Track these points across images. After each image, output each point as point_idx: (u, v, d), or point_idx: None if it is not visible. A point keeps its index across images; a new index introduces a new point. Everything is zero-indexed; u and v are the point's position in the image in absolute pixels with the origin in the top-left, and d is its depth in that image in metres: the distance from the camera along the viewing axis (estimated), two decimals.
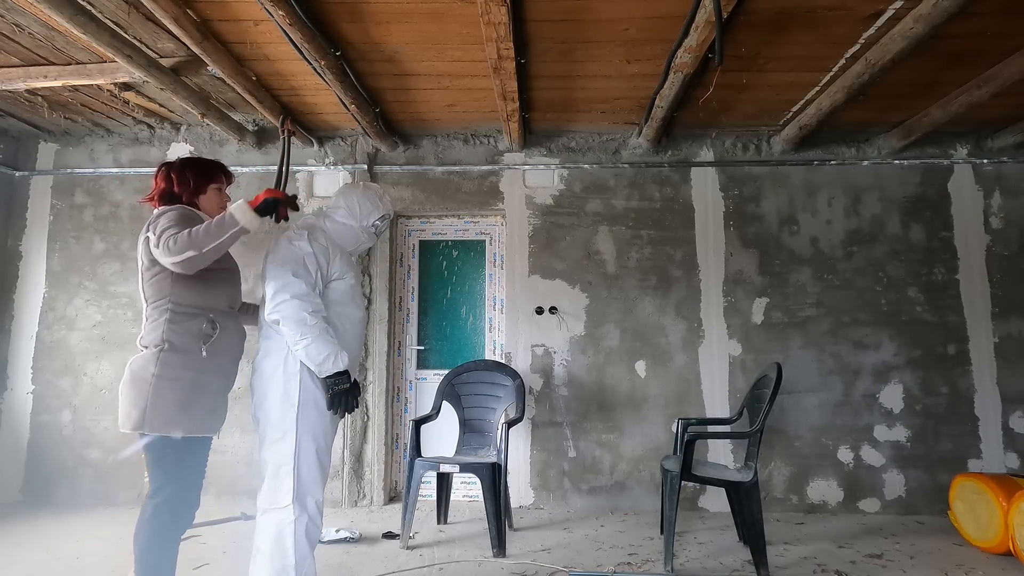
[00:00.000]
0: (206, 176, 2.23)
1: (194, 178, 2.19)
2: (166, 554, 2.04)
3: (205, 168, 2.25)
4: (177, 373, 2.01)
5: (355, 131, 4.14)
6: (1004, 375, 3.90)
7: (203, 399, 2.06)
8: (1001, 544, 2.98)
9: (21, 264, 4.18)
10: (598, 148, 4.19)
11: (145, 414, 1.96)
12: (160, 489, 2.02)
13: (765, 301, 4.02)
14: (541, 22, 2.75)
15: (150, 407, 1.96)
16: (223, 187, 2.28)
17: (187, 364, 2.03)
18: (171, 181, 2.17)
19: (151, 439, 1.99)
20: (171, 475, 2.02)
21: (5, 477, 3.98)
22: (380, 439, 4.00)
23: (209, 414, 2.09)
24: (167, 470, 2.02)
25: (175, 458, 2.02)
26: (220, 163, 2.31)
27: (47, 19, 2.73)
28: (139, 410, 1.96)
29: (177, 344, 2.02)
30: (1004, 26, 2.75)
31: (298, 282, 2.13)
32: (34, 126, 4.10)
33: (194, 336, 2.05)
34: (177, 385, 2.00)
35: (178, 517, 2.06)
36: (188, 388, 2.02)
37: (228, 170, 2.33)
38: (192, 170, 2.20)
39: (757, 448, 2.94)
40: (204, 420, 2.07)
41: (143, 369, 2.00)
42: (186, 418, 2.01)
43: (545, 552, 3.11)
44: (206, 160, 2.29)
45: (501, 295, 4.20)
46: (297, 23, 2.56)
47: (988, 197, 4.06)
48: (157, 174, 2.21)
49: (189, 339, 2.05)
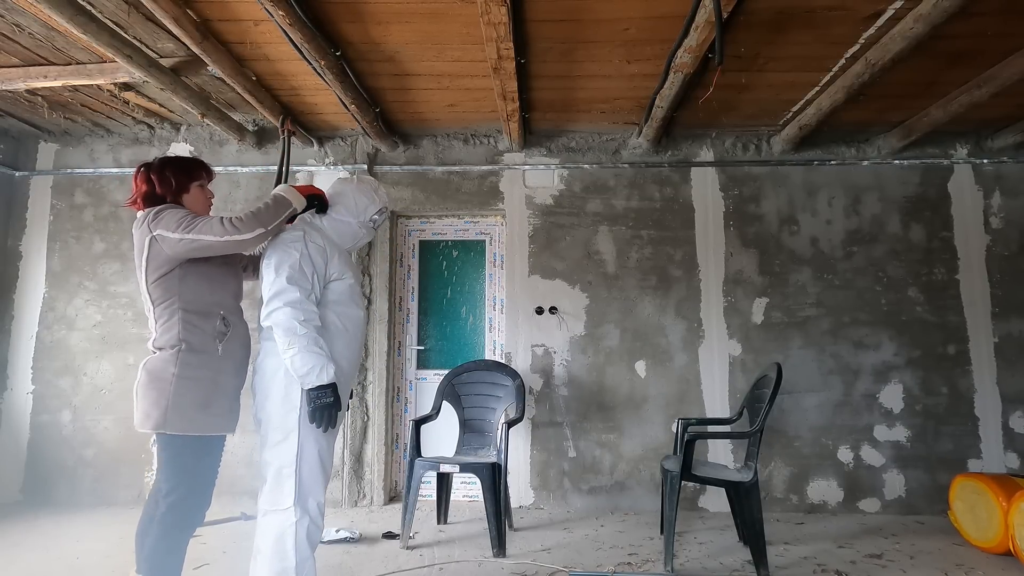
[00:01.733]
0: (187, 174, 2.19)
1: (176, 177, 2.15)
2: (174, 554, 2.04)
3: (185, 166, 2.20)
4: (196, 373, 2.02)
5: (355, 131, 4.14)
6: (1004, 375, 3.90)
7: (221, 398, 2.08)
8: (1001, 544, 2.98)
9: (21, 264, 4.18)
10: (598, 148, 4.19)
11: (167, 413, 1.97)
12: (175, 489, 2.02)
13: (765, 301, 4.02)
14: (541, 22, 2.75)
15: (171, 406, 1.97)
16: (205, 183, 2.26)
17: (206, 364, 2.05)
18: (152, 183, 2.13)
19: (169, 438, 2.00)
20: (187, 475, 2.03)
21: (5, 477, 3.98)
22: (380, 439, 4.00)
23: (227, 413, 2.11)
24: (184, 469, 2.02)
25: (193, 458, 2.03)
26: (199, 160, 2.29)
27: (47, 19, 2.73)
28: (160, 409, 1.97)
29: (195, 344, 2.04)
30: (1004, 26, 2.75)
31: (292, 289, 2.10)
32: (34, 126, 4.10)
33: (210, 335, 2.07)
34: (197, 384, 2.01)
35: (189, 516, 2.06)
36: (207, 388, 2.03)
37: (208, 167, 2.29)
38: (172, 169, 2.16)
39: (757, 448, 2.94)
40: (222, 419, 2.09)
41: (163, 370, 2.00)
42: (205, 417, 2.02)
43: (545, 552, 3.11)
44: (184, 158, 2.27)
45: (501, 295, 4.20)
46: (297, 23, 2.55)
47: (988, 197, 4.06)
48: (136, 176, 2.15)
49: (206, 338, 2.06)
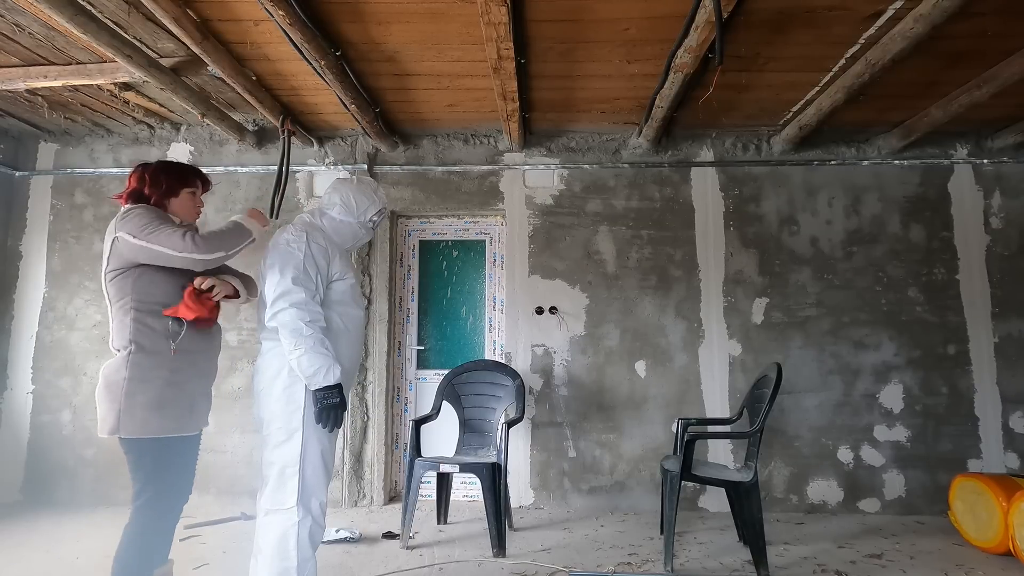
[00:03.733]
0: (180, 180, 2.21)
1: (167, 181, 2.18)
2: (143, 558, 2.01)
3: (181, 173, 2.23)
4: (148, 375, 1.99)
5: (355, 131, 4.14)
6: (1004, 375, 3.90)
7: (179, 399, 2.04)
8: (1001, 544, 2.98)
9: (21, 264, 4.18)
10: (598, 148, 4.19)
11: (120, 417, 1.95)
12: (140, 492, 2.01)
13: (765, 301, 4.02)
14: (541, 22, 2.75)
15: (123, 410, 1.95)
16: (197, 192, 2.27)
17: (158, 365, 2.01)
18: (143, 182, 2.16)
19: (128, 442, 1.99)
20: (150, 478, 2.01)
21: (5, 477, 3.98)
22: (380, 439, 4.00)
23: (186, 414, 2.07)
24: (146, 473, 2.01)
25: (153, 460, 2.01)
26: (198, 169, 2.31)
27: (47, 19, 2.72)
28: (114, 414, 1.96)
29: (145, 345, 2.01)
30: (1004, 26, 2.75)
31: (297, 290, 2.11)
32: (34, 126, 4.10)
33: (162, 335, 2.04)
34: (149, 386, 1.98)
35: (158, 520, 2.04)
36: (161, 389, 2.00)
37: (205, 176, 2.32)
38: (166, 174, 2.19)
39: (757, 448, 2.94)
40: (181, 420, 2.05)
41: (115, 373, 1.99)
42: (160, 419, 1.99)
43: (545, 552, 3.11)
44: (184, 165, 2.30)
45: (501, 295, 4.20)
46: (297, 23, 2.55)
47: (988, 197, 4.06)
48: (132, 174, 2.19)
49: (157, 338, 2.03)
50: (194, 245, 2.02)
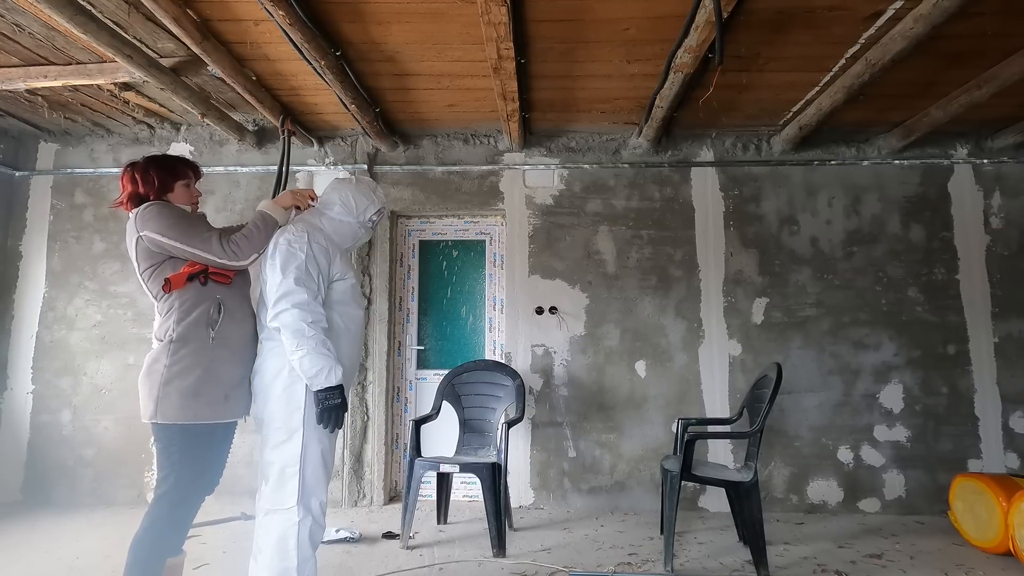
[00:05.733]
0: (172, 174, 2.20)
1: (159, 176, 2.16)
2: (158, 549, 2.02)
3: (170, 165, 2.21)
4: (186, 362, 2.03)
5: (355, 131, 4.14)
6: (1004, 375, 3.90)
7: (216, 387, 2.06)
8: (1001, 544, 2.98)
9: (21, 264, 4.18)
10: (598, 148, 4.19)
11: (158, 403, 1.99)
12: (164, 479, 2.03)
13: (765, 301, 4.02)
14: (541, 22, 2.75)
15: (161, 397, 1.99)
16: (191, 182, 2.26)
17: (196, 352, 2.05)
18: (136, 182, 2.15)
19: (160, 428, 2.02)
20: (175, 466, 2.03)
21: (5, 477, 3.98)
22: (380, 439, 4.00)
23: (221, 400, 2.08)
24: (172, 460, 2.03)
25: (180, 448, 2.03)
26: (185, 159, 2.29)
27: (47, 19, 2.72)
28: (153, 400, 2.00)
29: (185, 334, 2.05)
30: (1004, 26, 2.75)
31: (300, 291, 2.12)
32: (34, 126, 4.10)
33: (202, 323, 2.07)
34: (187, 373, 2.02)
35: (179, 509, 2.05)
36: (199, 377, 2.03)
37: (195, 165, 2.30)
38: (156, 168, 2.17)
39: (757, 448, 2.94)
40: (215, 407, 2.07)
41: (156, 361, 2.03)
42: (196, 405, 2.02)
43: (545, 552, 3.11)
44: (171, 157, 2.28)
45: (501, 295, 4.20)
46: (297, 23, 2.55)
47: (988, 197, 4.06)
48: (123, 177, 2.18)
49: (197, 327, 2.06)
50: (232, 253, 2.11)
